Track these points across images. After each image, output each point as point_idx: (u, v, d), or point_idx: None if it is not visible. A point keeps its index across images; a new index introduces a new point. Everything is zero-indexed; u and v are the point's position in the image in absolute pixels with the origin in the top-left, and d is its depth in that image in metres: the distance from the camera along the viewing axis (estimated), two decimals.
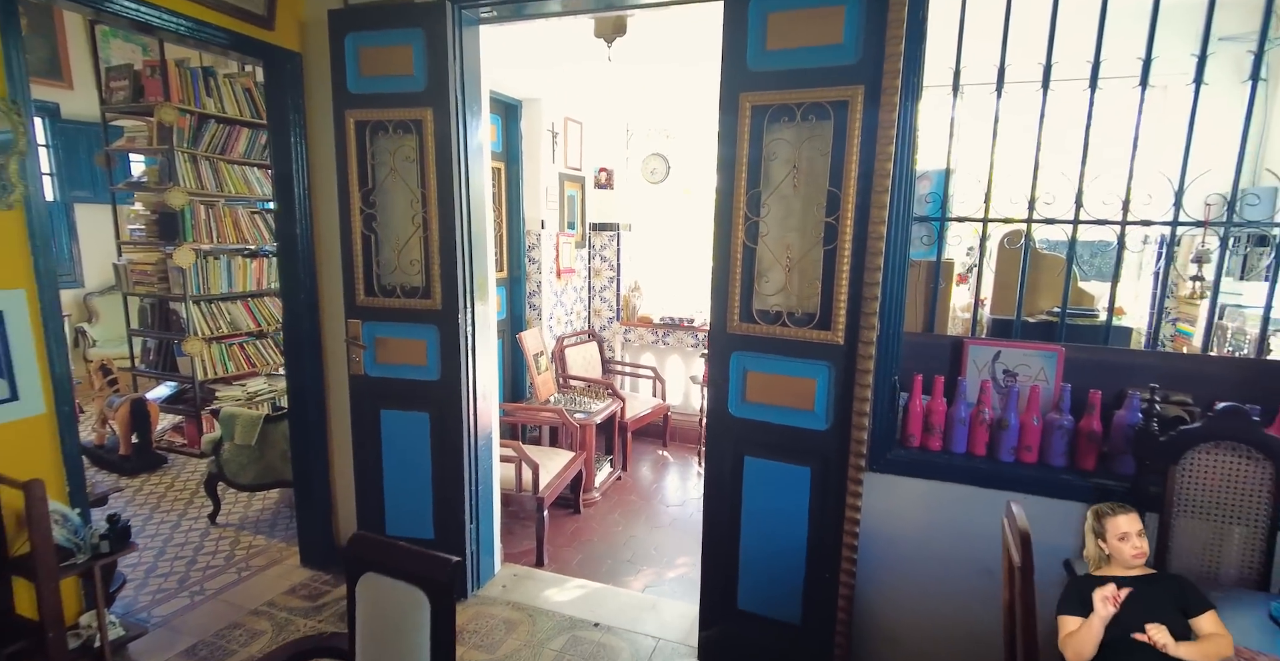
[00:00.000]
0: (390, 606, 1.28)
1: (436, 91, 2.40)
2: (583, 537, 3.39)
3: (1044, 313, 2.37)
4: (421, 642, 1.24)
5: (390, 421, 2.69)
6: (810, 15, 1.93)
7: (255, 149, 4.45)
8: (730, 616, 2.29)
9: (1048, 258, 2.43)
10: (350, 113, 2.50)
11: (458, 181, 2.46)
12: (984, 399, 2.06)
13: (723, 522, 2.26)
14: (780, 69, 1.99)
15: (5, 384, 1.83)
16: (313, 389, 2.87)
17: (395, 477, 2.72)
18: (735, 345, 2.17)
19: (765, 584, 2.22)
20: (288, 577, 2.92)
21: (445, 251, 2.49)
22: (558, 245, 4.57)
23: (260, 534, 3.33)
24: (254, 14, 2.45)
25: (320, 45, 2.59)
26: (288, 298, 2.82)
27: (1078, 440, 1.96)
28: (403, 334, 2.61)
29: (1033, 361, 2.07)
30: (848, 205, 1.94)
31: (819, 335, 2.04)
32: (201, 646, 2.43)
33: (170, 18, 2.18)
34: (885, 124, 1.86)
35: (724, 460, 2.24)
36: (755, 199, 2.09)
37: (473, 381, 2.65)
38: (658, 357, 5.07)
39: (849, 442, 2.03)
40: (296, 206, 2.72)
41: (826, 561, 2.11)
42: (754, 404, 2.17)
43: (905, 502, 2.10)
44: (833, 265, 2.00)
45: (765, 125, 2.04)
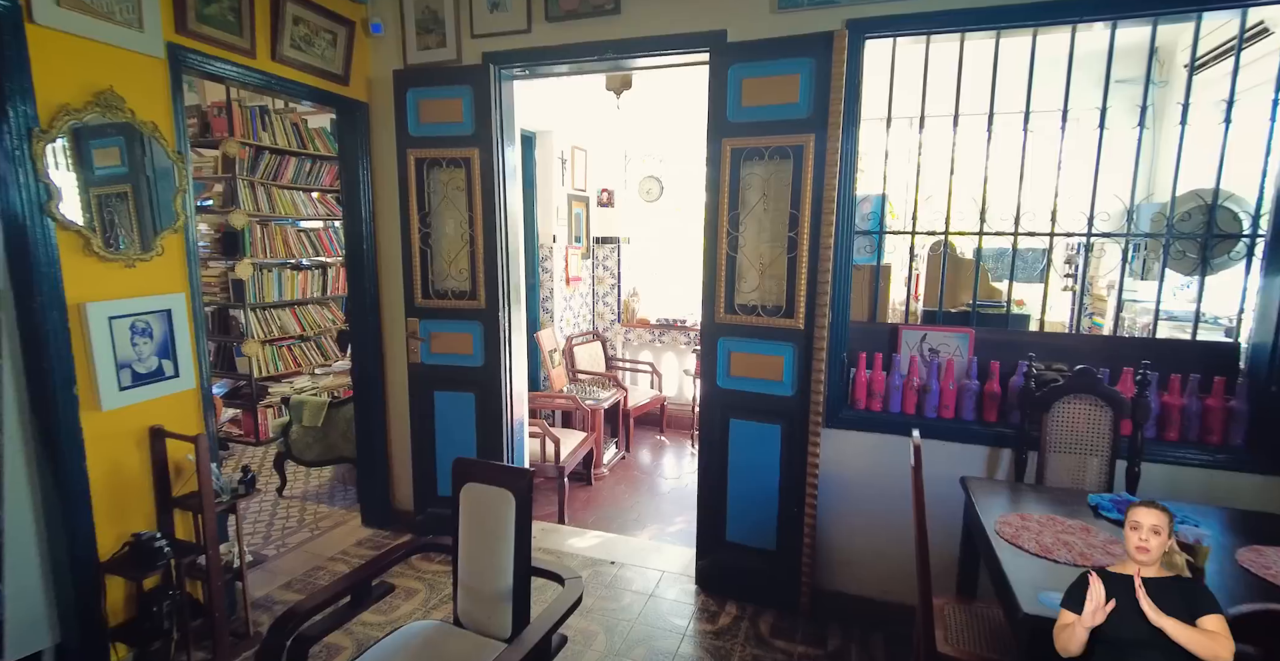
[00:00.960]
0: (487, 503, 1.88)
1: (482, 134, 3.03)
2: (595, 504, 3.98)
3: (963, 304, 3.00)
4: (509, 525, 1.84)
5: (442, 400, 3.29)
6: (774, 81, 2.57)
7: (301, 175, 5.06)
8: (721, 547, 2.90)
9: (965, 262, 3.07)
10: (411, 151, 3.12)
11: (499, 206, 3.09)
12: (913, 370, 2.68)
13: (714, 471, 2.87)
14: (752, 121, 2.62)
15: (171, 364, 2.42)
16: (374, 376, 3.46)
17: (445, 447, 3.31)
18: (721, 332, 2.79)
19: (747, 519, 2.83)
20: (354, 534, 3.50)
21: (489, 262, 3.11)
22: (567, 257, 5.19)
23: (322, 503, 3.91)
24: (335, 74, 3.07)
25: (384, 97, 3.21)
26: (354, 300, 3.42)
27: (983, 399, 2.58)
28: (452, 329, 3.22)
29: (950, 341, 2.69)
30: (804, 223, 2.57)
31: (785, 322, 2.66)
32: (295, 582, 3.01)
33: (284, 82, 2.81)
34: (830, 163, 2.50)
35: (714, 422, 2.85)
36: (735, 218, 2.72)
37: (509, 367, 3.26)
38: (654, 354, 5.69)
39: (809, 405, 2.65)
40: (363, 226, 3.33)
41: (794, 499, 2.72)
42: (736, 377, 2.79)
43: (854, 451, 2.71)
44: (795, 269, 2.62)
45: (741, 162, 2.67)
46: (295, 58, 2.86)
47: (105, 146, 2.18)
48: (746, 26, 2.62)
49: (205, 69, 2.52)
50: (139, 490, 2.36)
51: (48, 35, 1.99)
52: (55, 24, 2.00)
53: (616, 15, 2.78)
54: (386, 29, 3.18)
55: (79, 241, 2.11)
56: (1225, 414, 2.31)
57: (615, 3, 2.77)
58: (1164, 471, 2.32)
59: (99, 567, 2.22)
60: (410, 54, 3.15)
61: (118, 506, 2.29)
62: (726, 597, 2.88)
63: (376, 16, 3.17)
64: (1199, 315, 2.52)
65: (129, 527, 2.30)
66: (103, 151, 2.17)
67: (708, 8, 2.66)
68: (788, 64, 2.53)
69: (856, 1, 2.47)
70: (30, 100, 1.95)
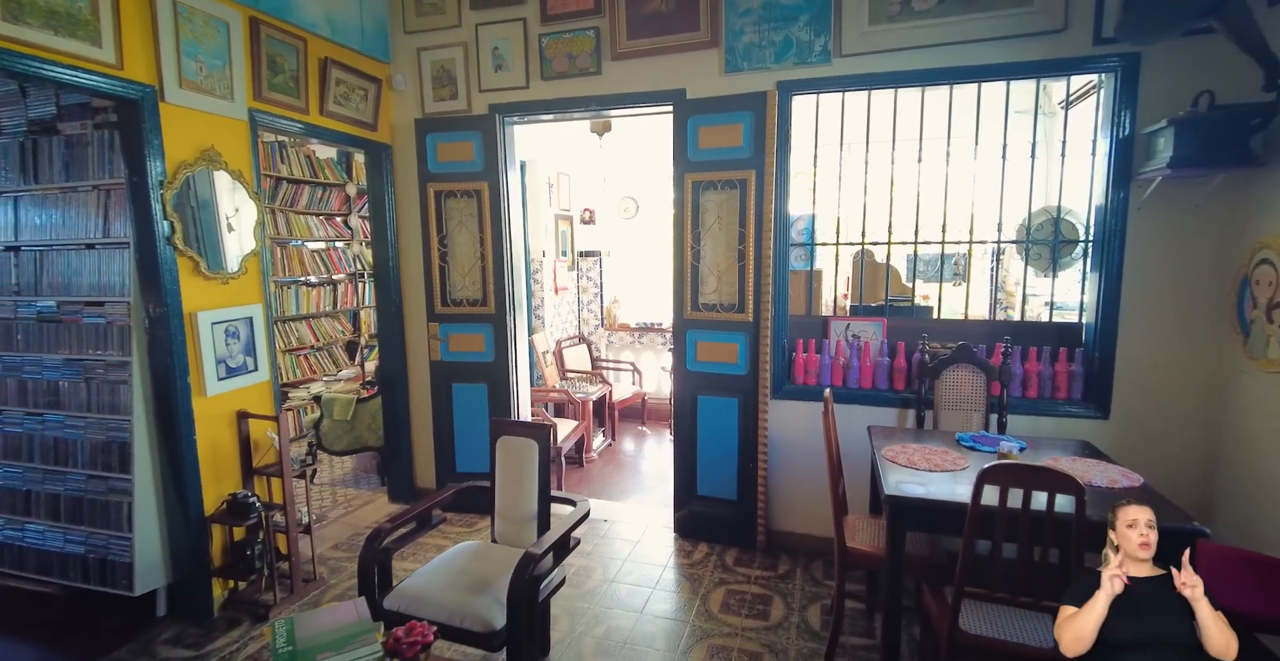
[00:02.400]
0: (517, 449, 2.54)
1: (490, 170, 3.71)
2: (587, 481, 4.63)
3: (879, 300, 3.74)
4: (534, 464, 2.50)
5: (459, 391, 3.93)
6: (723, 129, 3.29)
7: (314, 201, 5.68)
8: (693, 500, 3.58)
9: (881, 266, 3.82)
10: (430, 185, 3.78)
11: (504, 228, 3.76)
12: (839, 352, 3.40)
13: (686, 439, 3.55)
14: (707, 160, 3.34)
15: (252, 360, 3.04)
16: (399, 373, 4.09)
17: (463, 430, 3.94)
18: (689, 326, 3.49)
19: (714, 476, 3.51)
20: (383, 509, 4.11)
21: (497, 274, 3.77)
22: (555, 269, 5.86)
23: (349, 487, 4.52)
24: (366, 122, 3.73)
25: (406, 140, 3.88)
26: (382, 309, 4.06)
27: (892, 372, 3.31)
28: (467, 330, 3.87)
29: (868, 328, 3.42)
30: (750, 238, 3.29)
31: (738, 317, 3.36)
32: (340, 544, 3.62)
33: (329, 132, 3.47)
34: (767, 192, 3.22)
35: (686, 399, 3.54)
36: (697, 235, 3.42)
37: (515, 362, 3.92)
38: (635, 354, 6.38)
39: (759, 382, 3.35)
40: (389, 247, 3.98)
41: (750, 458, 3.40)
42: (702, 361, 3.48)
43: (795, 417, 3.41)
44: (744, 274, 3.33)
45: (700, 192, 3.38)
46: (337, 111, 3.51)
47: (208, 190, 2.82)
48: (701, 86, 3.34)
49: (273, 125, 3.17)
50: (230, 460, 2.97)
51: (173, 110, 2.64)
52: (178, 101, 2.65)
53: (598, 76, 3.49)
54: (407, 84, 3.85)
55: (191, 264, 2.74)
56: (1069, 376, 3.06)
57: (598, 66, 3.48)
58: (1027, 420, 3.06)
59: (205, 520, 2.82)
60: (427, 105, 3.82)
61: (216, 472, 2.90)
62: (699, 540, 3.56)
63: (399, 73, 3.84)
64: (1053, 303, 3.29)
65: (224, 489, 2.91)
66: (205, 194, 2.81)
67: (670, 71, 3.38)
68: (733, 116, 3.25)
69: (784, 68, 3.21)
70: (161, 159, 2.59)
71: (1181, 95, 2.61)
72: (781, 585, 3.11)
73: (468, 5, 3.66)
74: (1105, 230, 2.93)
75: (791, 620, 2.80)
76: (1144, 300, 2.88)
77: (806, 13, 3.13)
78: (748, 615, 2.85)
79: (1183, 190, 2.73)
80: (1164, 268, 2.83)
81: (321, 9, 3.34)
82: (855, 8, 3.07)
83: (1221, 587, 1.97)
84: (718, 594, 3.03)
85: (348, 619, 1.74)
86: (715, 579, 3.16)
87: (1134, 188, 2.83)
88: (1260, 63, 2.35)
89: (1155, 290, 2.85)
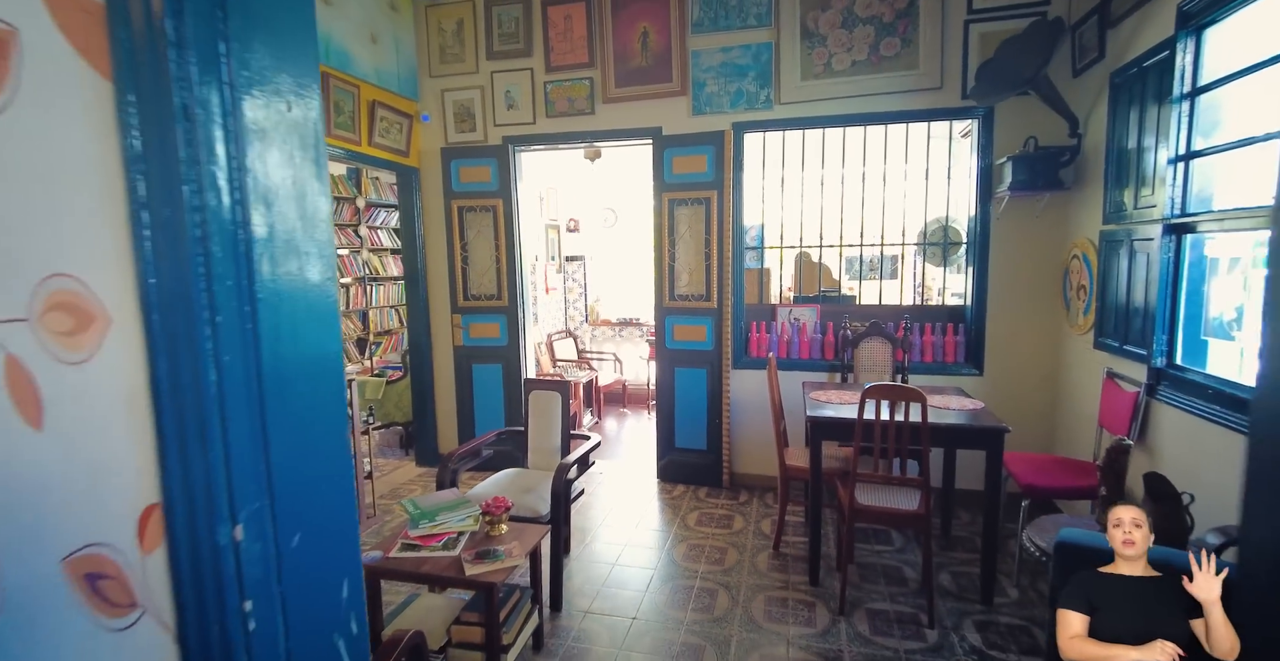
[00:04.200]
0: (546, 400, 3.42)
1: (504, 190, 4.58)
2: None
3: (819, 292, 4.72)
4: (558, 410, 3.38)
5: (478, 371, 4.78)
6: (691, 158, 4.23)
7: (333, 214, 6.45)
8: (672, 451, 4.49)
9: (816, 265, 4.81)
10: (454, 201, 4.64)
11: (516, 238, 4.64)
12: (784, 331, 4.35)
13: (666, 403, 4.46)
14: (679, 182, 4.27)
15: None
16: (426, 358, 4.91)
17: (481, 404, 4.79)
18: (667, 313, 4.41)
19: (688, 431, 4.43)
20: (413, 472, 4.93)
21: (509, 274, 4.64)
22: (545, 271, 6.73)
23: (379, 458, 5.31)
24: (400, 150, 4.58)
25: (432, 164, 4.73)
26: (411, 304, 4.88)
27: (824, 345, 4.27)
28: (484, 320, 4.73)
29: (807, 313, 4.39)
30: (714, 243, 4.23)
31: (705, 305, 4.30)
32: (384, 496, 4.42)
33: (373, 159, 4.30)
34: (726, 207, 4.17)
35: (666, 371, 4.45)
36: (673, 242, 4.35)
37: (524, 346, 4.79)
38: (616, 346, 7.28)
39: (723, 355, 4.28)
40: (417, 253, 4.81)
41: (716, 415, 4.33)
42: (678, 341, 4.40)
43: (751, 383, 4.35)
44: (709, 272, 4.26)
45: (674, 207, 4.32)
46: (381, 142, 4.35)
47: None
48: (675, 124, 4.28)
49: (335, 155, 4.00)
50: None
51: None
52: None
53: (592, 115, 4.41)
54: (433, 118, 4.71)
55: None
56: (955, 345, 4.07)
57: (592, 107, 4.39)
58: (924, 377, 4.05)
59: None
60: (450, 135, 4.68)
61: None
62: (678, 482, 4.47)
63: (426, 110, 4.70)
64: (943, 290, 4.30)
65: None
66: None
67: (650, 113, 4.31)
68: (699, 148, 4.20)
69: (738, 112, 4.17)
70: None
71: (1019, 138, 3.64)
72: (742, 509, 4.03)
73: (484, 56, 4.54)
74: (977, 234, 3.94)
75: (749, 529, 3.73)
76: (1004, 286, 3.90)
77: (753, 70, 4.10)
78: (716, 527, 3.76)
79: (1025, 205, 3.76)
80: (1016, 262, 3.86)
81: (371, 62, 4.18)
82: (790, 67, 4.04)
83: (1039, 476, 2.97)
84: (693, 515, 3.94)
85: (451, 497, 2.60)
86: (690, 506, 4.07)
87: (994, 203, 3.84)
88: (1064, 117, 3.38)
89: (1011, 279, 3.87)
